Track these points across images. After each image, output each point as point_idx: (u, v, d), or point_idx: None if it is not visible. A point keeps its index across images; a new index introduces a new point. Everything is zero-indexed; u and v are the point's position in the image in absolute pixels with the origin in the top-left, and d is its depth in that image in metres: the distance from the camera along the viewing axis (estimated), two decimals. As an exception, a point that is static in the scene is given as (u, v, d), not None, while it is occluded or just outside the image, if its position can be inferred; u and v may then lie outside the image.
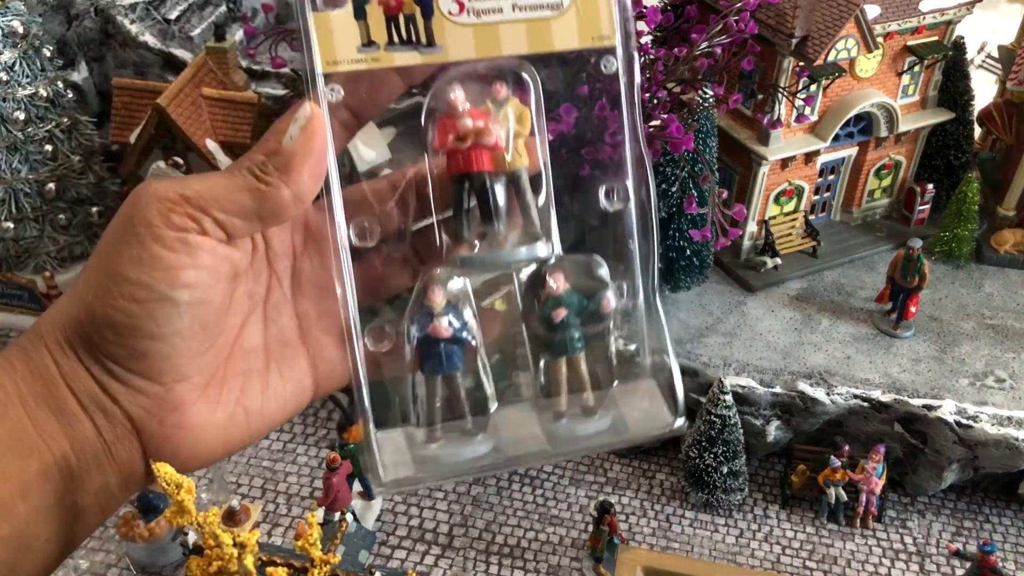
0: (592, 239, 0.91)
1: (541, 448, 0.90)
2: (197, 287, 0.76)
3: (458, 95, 0.86)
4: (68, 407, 0.76)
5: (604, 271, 0.92)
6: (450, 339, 0.87)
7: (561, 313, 0.89)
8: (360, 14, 0.82)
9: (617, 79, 0.89)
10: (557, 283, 0.89)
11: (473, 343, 0.88)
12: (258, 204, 0.77)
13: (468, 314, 0.88)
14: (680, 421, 0.90)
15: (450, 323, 0.86)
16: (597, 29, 0.86)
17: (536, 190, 0.90)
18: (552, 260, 0.90)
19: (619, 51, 0.88)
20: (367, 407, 0.86)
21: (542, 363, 0.92)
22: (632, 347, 0.95)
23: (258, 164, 0.78)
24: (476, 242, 0.88)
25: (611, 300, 0.90)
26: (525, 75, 0.89)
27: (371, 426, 0.86)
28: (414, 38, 0.83)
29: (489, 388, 0.92)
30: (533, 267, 0.90)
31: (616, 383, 0.93)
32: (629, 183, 0.91)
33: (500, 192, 0.87)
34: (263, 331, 0.86)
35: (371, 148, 4.69)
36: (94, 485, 0.77)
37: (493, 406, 0.92)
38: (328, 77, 0.82)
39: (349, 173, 4.75)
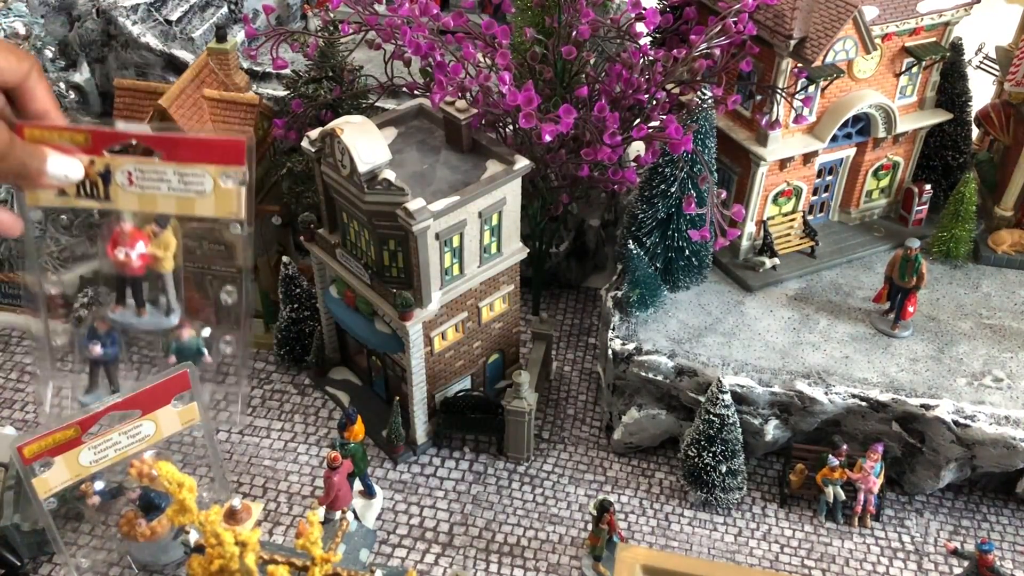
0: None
1: None
2: None
3: (124, 227, 1.66)
4: None
5: None
6: None
7: None
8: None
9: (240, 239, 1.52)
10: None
11: None
12: None
13: None
14: None
15: None
16: (229, 207, 1.40)
17: (176, 283, 1.72)
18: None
19: (244, 218, 1.44)
20: None
21: None
22: None
23: None
24: (124, 308, 1.57)
25: None
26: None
27: None
28: (95, 194, 1.38)
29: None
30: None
31: None
32: None
33: (144, 284, 1.57)
34: None
35: (372, 149, 4.69)
36: None
37: None
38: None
39: (350, 174, 4.74)
